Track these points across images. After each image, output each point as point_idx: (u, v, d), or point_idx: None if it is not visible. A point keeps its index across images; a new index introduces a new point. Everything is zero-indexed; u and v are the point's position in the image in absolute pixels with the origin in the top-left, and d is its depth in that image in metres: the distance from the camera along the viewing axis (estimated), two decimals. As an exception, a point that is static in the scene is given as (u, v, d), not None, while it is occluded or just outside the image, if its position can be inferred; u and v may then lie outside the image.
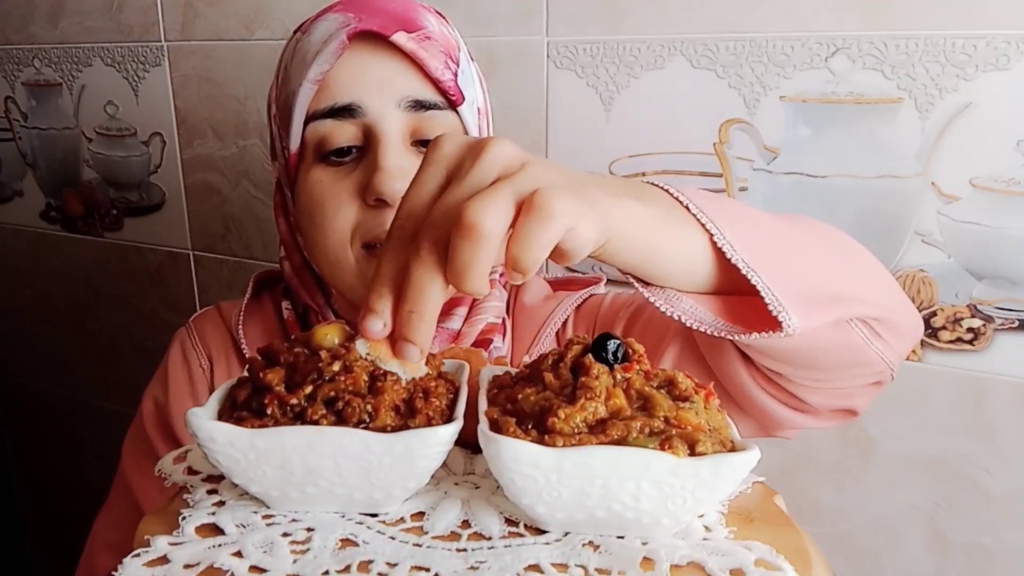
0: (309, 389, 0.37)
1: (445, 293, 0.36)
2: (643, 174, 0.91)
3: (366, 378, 0.37)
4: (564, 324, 0.70)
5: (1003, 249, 0.77)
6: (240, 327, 0.71)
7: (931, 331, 0.82)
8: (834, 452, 0.90)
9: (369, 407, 0.36)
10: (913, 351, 0.83)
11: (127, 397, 1.41)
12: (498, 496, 0.39)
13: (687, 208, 0.43)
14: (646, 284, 0.44)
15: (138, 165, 1.25)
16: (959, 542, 0.87)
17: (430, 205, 0.36)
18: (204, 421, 0.36)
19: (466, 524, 0.38)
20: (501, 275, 0.70)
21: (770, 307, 0.42)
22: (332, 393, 0.37)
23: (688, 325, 0.45)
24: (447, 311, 0.65)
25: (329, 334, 0.39)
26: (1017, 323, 0.79)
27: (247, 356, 0.70)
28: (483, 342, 0.66)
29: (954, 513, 0.86)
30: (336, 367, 0.37)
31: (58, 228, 1.38)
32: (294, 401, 0.36)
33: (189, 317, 0.77)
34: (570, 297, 0.70)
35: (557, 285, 0.74)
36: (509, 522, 0.38)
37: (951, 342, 0.82)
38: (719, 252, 0.43)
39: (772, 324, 0.43)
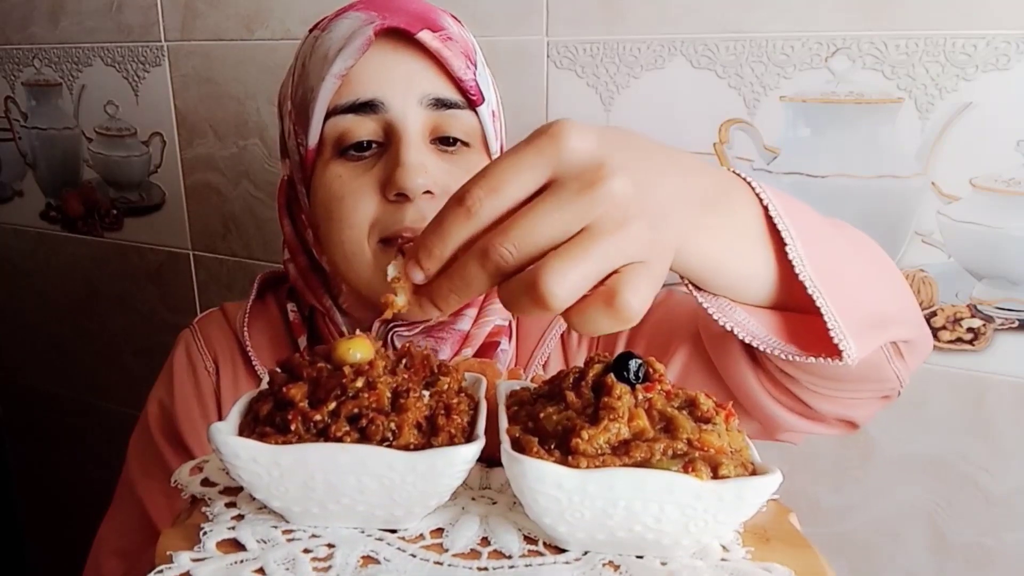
0: (333, 405, 0.37)
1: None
2: (643, 174, 0.90)
3: (389, 395, 0.37)
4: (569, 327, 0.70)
5: (1003, 249, 0.78)
6: (245, 329, 0.71)
7: (931, 331, 0.82)
8: (833, 452, 0.90)
9: (393, 425, 0.36)
10: (913, 351, 0.83)
11: (127, 397, 1.41)
12: (516, 512, 0.39)
13: (765, 209, 0.42)
14: (699, 289, 0.43)
15: (138, 165, 1.25)
16: (959, 542, 0.87)
17: (517, 199, 0.34)
18: (228, 437, 0.36)
19: (485, 541, 0.38)
20: None
21: (832, 333, 0.41)
22: (356, 410, 0.36)
23: (740, 338, 0.44)
24: (457, 312, 0.64)
25: (352, 348, 0.39)
26: (1017, 323, 0.79)
27: (254, 360, 0.70)
28: (491, 344, 0.65)
29: (954, 513, 0.86)
30: (360, 383, 0.37)
31: (58, 228, 1.38)
32: (317, 417, 0.36)
33: (189, 317, 0.77)
34: None
35: None
36: (528, 540, 0.38)
37: (951, 342, 0.82)
38: (784, 264, 0.42)
39: (830, 349, 0.42)
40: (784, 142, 0.83)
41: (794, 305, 0.44)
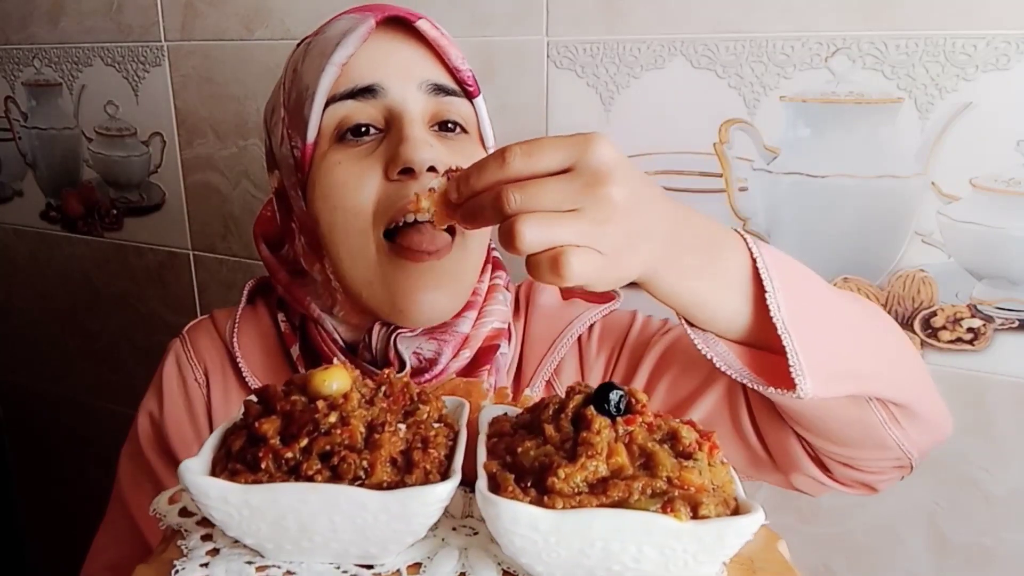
0: (304, 442, 0.36)
1: None
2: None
3: (363, 429, 0.37)
4: (590, 330, 0.69)
5: (1003, 249, 0.77)
6: (235, 339, 0.69)
7: (931, 331, 0.82)
8: (834, 452, 0.90)
9: (365, 463, 0.36)
10: (913, 351, 0.83)
11: (127, 397, 1.41)
12: (496, 544, 0.39)
13: (754, 261, 0.48)
14: (691, 324, 0.50)
15: (138, 165, 1.25)
16: (959, 542, 0.87)
17: (541, 170, 0.42)
18: (198, 477, 0.36)
19: None
20: (507, 281, 0.70)
21: (791, 368, 0.46)
22: (327, 447, 0.36)
23: (718, 367, 0.50)
24: (458, 314, 0.64)
25: (327, 379, 0.38)
26: (1017, 323, 0.79)
27: (244, 371, 0.68)
28: (490, 348, 0.65)
29: (954, 513, 0.86)
30: (333, 418, 0.37)
31: (58, 228, 1.38)
32: (289, 455, 0.36)
33: (189, 317, 0.76)
34: (593, 307, 0.69)
35: (568, 293, 0.73)
36: (508, 575, 0.37)
37: (951, 342, 0.82)
38: (764, 310, 0.48)
39: (789, 384, 0.47)
40: (784, 142, 0.83)
41: (771, 348, 0.49)
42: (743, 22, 0.82)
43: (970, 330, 0.81)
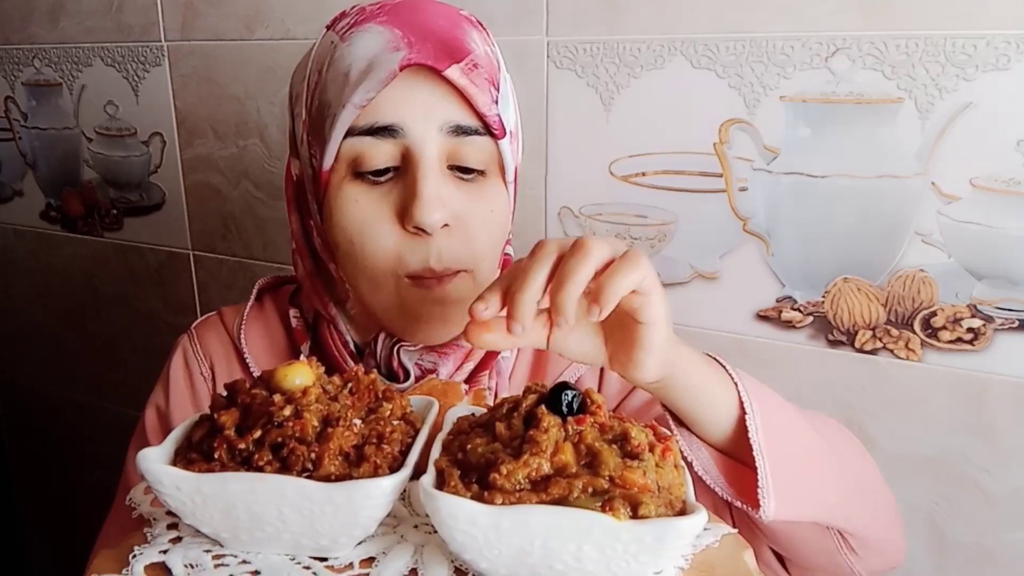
0: (258, 434, 0.37)
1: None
2: (643, 174, 0.91)
3: (317, 424, 0.37)
4: None
5: (1003, 249, 0.77)
6: (242, 336, 0.70)
7: (931, 331, 0.82)
8: (834, 452, 0.90)
9: (313, 455, 0.36)
10: (913, 351, 0.83)
11: (127, 397, 1.41)
12: None
13: (736, 385, 0.52)
14: (680, 425, 0.54)
15: (138, 165, 1.25)
16: (959, 542, 0.87)
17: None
18: (152, 464, 0.36)
19: (415, 573, 0.37)
20: None
21: (760, 490, 0.50)
22: (279, 439, 0.37)
23: (696, 471, 0.53)
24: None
25: (289, 375, 0.39)
26: (1017, 323, 0.79)
27: (252, 367, 0.68)
28: (490, 355, 0.64)
29: (954, 513, 0.86)
30: (287, 411, 0.37)
31: (58, 228, 1.38)
32: (242, 446, 0.37)
33: (189, 317, 0.76)
34: None
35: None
36: (459, 572, 0.37)
37: (951, 342, 0.82)
38: (742, 428, 0.52)
39: (755, 503, 0.51)
40: (784, 142, 0.83)
41: (746, 462, 0.52)
42: (743, 22, 0.82)
43: (970, 330, 0.81)
